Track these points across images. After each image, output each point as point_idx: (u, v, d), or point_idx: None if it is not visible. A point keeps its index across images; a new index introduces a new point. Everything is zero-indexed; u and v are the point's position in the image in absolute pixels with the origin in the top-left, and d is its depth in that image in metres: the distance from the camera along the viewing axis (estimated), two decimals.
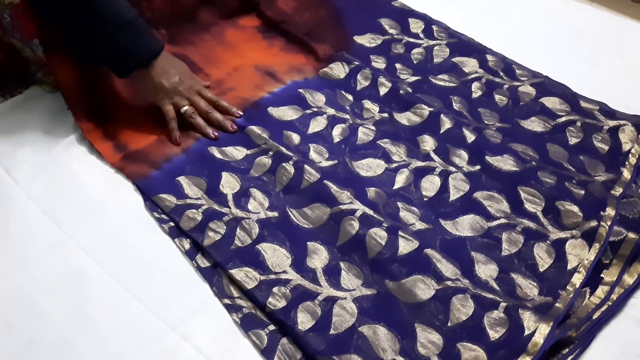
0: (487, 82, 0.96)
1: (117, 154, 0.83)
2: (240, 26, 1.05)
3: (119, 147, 0.84)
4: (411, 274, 0.69)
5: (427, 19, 1.07)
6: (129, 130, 0.86)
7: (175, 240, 0.74)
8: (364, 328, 0.65)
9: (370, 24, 1.06)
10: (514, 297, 0.67)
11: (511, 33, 1.04)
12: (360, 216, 0.74)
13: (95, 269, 0.70)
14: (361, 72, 0.95)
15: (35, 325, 0.65)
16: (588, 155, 0.83)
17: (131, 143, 0.84)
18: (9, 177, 0.79)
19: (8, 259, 0.71)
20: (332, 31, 1.05)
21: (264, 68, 0.97)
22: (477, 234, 0.74)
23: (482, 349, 0.63)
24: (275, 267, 0.70)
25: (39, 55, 0.85)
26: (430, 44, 1.02)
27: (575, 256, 0.70)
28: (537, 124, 0.88)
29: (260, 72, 0.96)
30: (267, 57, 0.99)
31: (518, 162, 0.81)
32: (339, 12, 1.08)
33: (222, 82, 0.94)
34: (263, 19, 1.06)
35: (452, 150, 0.84)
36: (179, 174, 0.80)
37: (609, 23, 1.10)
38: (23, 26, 0.82)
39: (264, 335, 0.65)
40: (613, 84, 0.96)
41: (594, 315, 0.66)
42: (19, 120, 0.87)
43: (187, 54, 0.95)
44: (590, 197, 0.76)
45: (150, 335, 0.65)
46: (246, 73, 0.96)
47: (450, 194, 0.78)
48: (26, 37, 0.83)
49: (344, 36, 1.04)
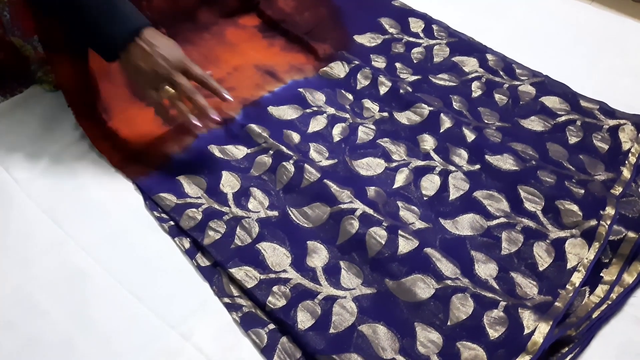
0: (487, 81, 0.96)
1: (117, 154, 0.83)
2: (240, 25, 1.05)
3: (118, 147, 0.84)
4: (411, 273, 0.69)
5: (427, 18, 1.07)
6: (128, 130, 0.86)
7: (175, 239, 0.74)
8: (363, 327, 0.65)
9: (370, 23, 1.06)
10: (513, 296, 0.67)
11: (511, 32, 1.04)
12: (360, 215, 0.74)
13: (95, 268, 0.70)
14: (361, 72, 0.95)
15: (36, 324, 0.65)
16: (588, 154, 0.83)
17: (131, 142, 0.84)
18: (9, 177, 0.79)
19: (8, 259, 0.71)
20: (332, 30, 1.05)
21: (264, 67, 0.97)
22: (477, 233, 0.74)
23: (481, 348, 0.63)
24: (275, 266, 0.70)
25: (40, 52, 0.85)
26: (431, 44, 1.02)
27: (575, 255, 0.70)
28: (537, 123, 0.88)
29: (260, 71, 0.96)
30: (268, 57, 0.99)
31: (518, 162, 0.81)
32: (339, 12, 1.09)
33: (222, 81, 0.94)
34: (263, 18, 1.06)
35: (452, 149, 0.84)
36: (179, 173, 0.81)
37: (609, 22, 1.10)
38: (23, 23, 0.82)
39: (264, 334, 0.65)
40: (613, 84, 0.96)
41: (593, 314, 0.66)
42: (19, 120, 0.87)
43: (186, 53, 0.95)
44: (590, 196, 0.76)
45: (151, 334, 0.65)
46: (246, 72, 0.96)
47: (450, 193, 0.78)
48: (27, 34, 0.83)
49: (344, 35, 1.04)
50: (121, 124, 0.87)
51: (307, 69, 0.97)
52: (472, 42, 1.02)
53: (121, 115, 0.88)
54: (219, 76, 0.95)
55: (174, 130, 0.86)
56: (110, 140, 0.85)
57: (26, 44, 0.85)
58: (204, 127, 0.80)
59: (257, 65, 0.97)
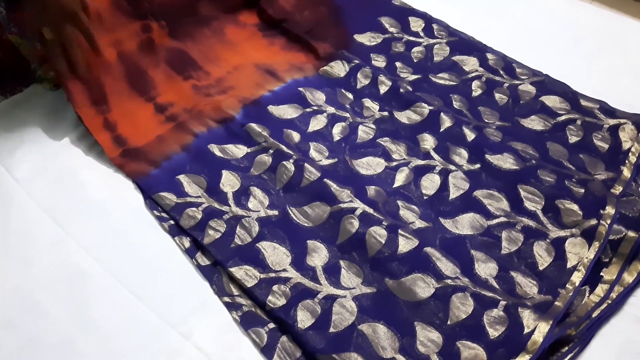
0: (487, 80, 0.96)
1: (117, 148, 0.83)
2: (241, 23, 1.05)
3: (118, 141, 0.84)
4: (411, 273, 0.69)
5: (427, 17, 1.07)
6: (128, 125, 0.86)
7: (175, 238, 0.74)
8: (363, 326, 0.65)
9: (370, 22, 1.06)
10: (513, 295, 0.67)
11: (511, 31, 1.04)
12: (360, 214, 0.74)
13: (95, 267, 0.70)
14: (361, 71, 0.95)
15: (36, 323, 0.65)
16: (588, 153, 0.83)
17: (131, 139, 0.84)
18: (9, 176, 0.79)
19: (8, 258, 0.71)
20: (333, 29, 1.05)
21: (264, 66, 0.97)
22: (477, 232, 0.74)
23: (481, 347, 0.63)
24: (275, 266, 0.70)
25: (37, 49, 0.85)
26: (431, 43, 1.02)
27: (575, 255, 0.70)
28: (537, 123, 0.88)
29: (260, 70, 0.96)
30: (268, 56, 0.99)
31: (518, 161, 0.81)
32: (339, 11, 1.08)
33: (223, 80, 0.94)
34: (263, 16, 1.06)
35: (452, 148, 0.84)
36: (179, 172, 0.81)
37: (609, 22, 1.10)
38: (19, 19, 0.82)
39: (264, 333, 0.65)
40: (613, 83, 0.96)
41: (593, 313, 0.66)
42: (19, 119, 0.87)
43: (187, 50, 0.95)
44: (590, 196, 0.76)
45: (151, 333, 0.65)
46: (246, 71, 0.96)
47: (450, 193, 0.78)
48: (25, 30, 0.83)
49: (345, 34, 1.04)
50: (121, 117, 0.86)
51: (307, 68, 0.97)
52: (472, 42, 1.02)
53: (120, 108, 0.87)
54: (219, 75, 0.95)
55: (174, 129, 0.86)
56: (110, 131, 0.85)
57: (24, 40, 0.85)
58: (203, 126, 0.80)
59: (257, 64, 0.97)
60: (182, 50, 0.95)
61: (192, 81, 0.93)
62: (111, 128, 0.85)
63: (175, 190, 0.78)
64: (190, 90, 0.92)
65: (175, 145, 0.84)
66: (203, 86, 0.92)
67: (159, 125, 0.86)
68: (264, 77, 0.95)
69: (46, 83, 0.91)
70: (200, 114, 0.88)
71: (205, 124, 0.86)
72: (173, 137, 0.85)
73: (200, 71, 0.94)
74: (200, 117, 0.88)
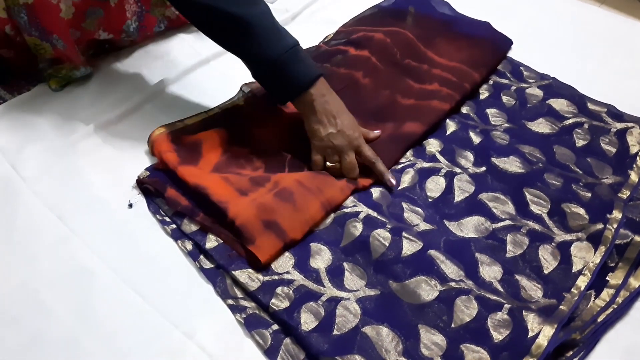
0: (495, 83, 0.95)
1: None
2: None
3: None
4: (415, 275, 0.68)
5: None
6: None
7: (177, 241, 0.73)
8: (367, 329, 0.65)
9: None
10: (518, 299, 0.67)
11: (519, 34, 1.04)
12: (364, 218, 0.74)
13: (100, 265, 0.70)
14: None
15: (40, 321, 0.65)
16: (595, 157, 0.83)
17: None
18: (16, 174, 0.80)
19: (14, 255, 0.71)
20: None
21: None
22: (482, 235, 0.74)
23: (485, 350, 0.62)
24: (278, 268, 0.70)
25: (58, 49, 0.86)
26: None
27: (581, 259, 0.70)
28: (544, 126, 0.88)
29: None
30: None
31: (524, 164, 0.80)
32: None
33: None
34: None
35: (458, 151, 0.84)
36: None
37: (617, 25, 1.10)
38: (42, 23, 0.83)
39: (268, 335, 0.65)
40: (621, 86, 0.95)
41: (598, 318, 0.65)
42: (27, 118, 0.88)
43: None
44: (596, 200, 0.76)
45: (154, 332, 0.65)
46: None
47: (455, 195, 0.78)
48: (47, 33, 0.84)
49: None
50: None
51: None
52: None
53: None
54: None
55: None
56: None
57: (44, 42, 0.85)
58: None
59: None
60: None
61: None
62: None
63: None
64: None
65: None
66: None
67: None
68: None
69: (55, 81, 0.91)
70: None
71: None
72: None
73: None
74: None
